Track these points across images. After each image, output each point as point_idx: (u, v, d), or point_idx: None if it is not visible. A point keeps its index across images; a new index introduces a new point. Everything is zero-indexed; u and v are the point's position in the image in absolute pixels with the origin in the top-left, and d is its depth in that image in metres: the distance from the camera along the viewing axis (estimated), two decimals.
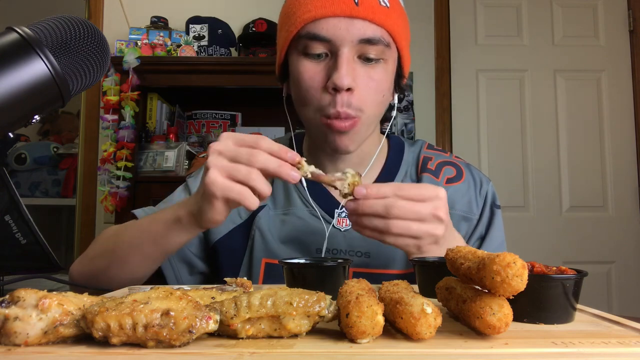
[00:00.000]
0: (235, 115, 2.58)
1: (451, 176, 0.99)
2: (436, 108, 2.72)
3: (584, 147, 2.73)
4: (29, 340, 0.40)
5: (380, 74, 0.86)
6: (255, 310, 0.42)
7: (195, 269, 0.99)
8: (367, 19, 0.81)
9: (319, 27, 0.82)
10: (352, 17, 0.81)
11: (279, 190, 0.99)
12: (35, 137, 3.44)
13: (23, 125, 0.50)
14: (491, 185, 1.00)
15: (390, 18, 0.84)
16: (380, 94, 0.87)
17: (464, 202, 0.97)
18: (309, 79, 0.85)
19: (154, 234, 0.80)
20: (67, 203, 2.95)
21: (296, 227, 0.95)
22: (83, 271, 0.91)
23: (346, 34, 0.81)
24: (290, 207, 0.97)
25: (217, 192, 0.67)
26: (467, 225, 0.96)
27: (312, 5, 0.82)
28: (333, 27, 0.81)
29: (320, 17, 0.82)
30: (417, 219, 0.70)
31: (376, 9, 0.82)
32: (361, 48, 0.83)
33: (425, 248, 0.72)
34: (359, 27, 0.81)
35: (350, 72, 0.82)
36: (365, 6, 0.81)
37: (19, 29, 0.47)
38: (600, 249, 2.67)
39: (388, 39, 0.84)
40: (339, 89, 0.82)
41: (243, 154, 0.67)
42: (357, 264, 0.92)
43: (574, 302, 0.50)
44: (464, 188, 0.98)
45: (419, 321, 0.41)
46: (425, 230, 0.70)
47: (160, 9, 2.63)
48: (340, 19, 0.81)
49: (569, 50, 2.78)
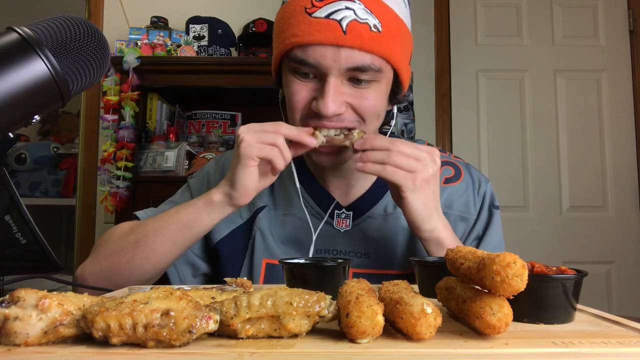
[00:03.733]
0: (235, 115, 2.58)
1: (449, 176, 0.99)
2: (436, 108, 2.72)
3: (584, 147, 2.73)
4: (29, 340, 0.40)
5: (372, 94, 0.84)
6: (255, 310, 0.42)
7: (199, 271, 1.00)
8: (355, 47, 0.78)
9: (306, 54, 0.80)
10: (339, 46, 0.78)
11: (279, 191, 0.99)
12: (35, 137, 3.44)
13: (23, 125, 0.50)
14: (490, 186, 1.00)
15: (382, 43, 0.80)
16: (372, 113, 0.85)
17: (461, 202, 0.97)
18: (296, 100, 0.85)
19: (183, 219, 0.85)
20: (67, 203, 2.95)
21: (296, 227, 0.96)
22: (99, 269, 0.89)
23: (333, 63, 0.79)
24: (291, 208, 0.97)
25: (252, 152, 0.78)
26: (464, 225, 0.96)
27: (299, 30, 0.80)
28: (320, 56, 0.79)
29: (307, 44, 0.80)
30: (415, 157, 0.80)
31: (365, 36, 0.78)
32: (350, 74, 0.81)
33: (418, 182, 0.79)
34: (347, 55, 0.79)
35: (337, 98, 0.81)
36: (353, 34, 0.78)
37: (19, 29, 0.47)
38: (600, 249, 2.67)
39: (379, 64, 0.81)
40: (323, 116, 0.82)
41: (269, 127, 0.80)
42: (357, 265, 0.92)
43: (574, 302, 0.50)
44: (462, 188, 0.98)
45: (419, 321, 0.41)
46: (420, 166, 0.79)
47: (160, 9, 2.63)
48: (327, 48, 0.79)
49: (569, 50, 2.78)
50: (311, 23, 0.79)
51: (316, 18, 0.79)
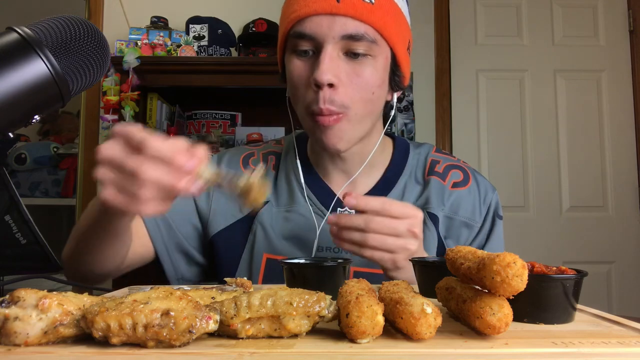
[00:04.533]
0: (235, 115, 2.58)
1: (458, 180, 0.99)
2: (436, 108, 2.72)
3: (584, 147, 2.73)
4: (29, 340, 0.40)
5: (368, 70, 0.85)
6: (255, 310, 0.42)
7: (193, 260, 1.00)
8: (348, 15, 0.82)
9: (304, 26, 0.84)
10: (333, 14, 0.82)
11: (282, 188, 1.00)
12: (35, 137, 3.44)
13: (23, 125, 0.50)
14: (496, 194, 1.01)
15: (375, 14, 0.83)
16: (368, 90, 0.86)
17: (467, 209, 0.97)
18: (296, 77, 0.87)
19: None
20: (67, 203, 2.95)
21: (299, 224, 0.96)
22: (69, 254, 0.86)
23: (328, 31, 0.83)
24: (294, 204, 0.97)
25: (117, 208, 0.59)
26: (467, 232, 0.96)
27: (298, 5, 0.85)
28: (316, 25, 0.83)
29: (305, 16, 0.84)
30: (394, 234, 0.73)
31: (358, 5, 0.82)
32: (346, 44, 0.84)
33: (400, 263, 0.75)
34: (341, 23, 0.82)
35: (333, 68, 0.83)
36: (346, 3, 0.82)
37: (19, 29, 0.47)
38: (600, 249, 2.67)
39: (374, 35, 0.84)
40: (320, 85, 0.83)
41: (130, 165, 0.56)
42: (357, 264, 0.92)
43: (574, 302, 0.50)
44: (469, 194, 0.98)
45: (419, 321, 0.41)
46: (400, 245, 0.74)
47: (160, 9, 2.63)
48: (323, 17, 0.83)
49: (569, 50, 2.78)
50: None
51: None
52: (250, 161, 1.03)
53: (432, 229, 0.94)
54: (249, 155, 1.05)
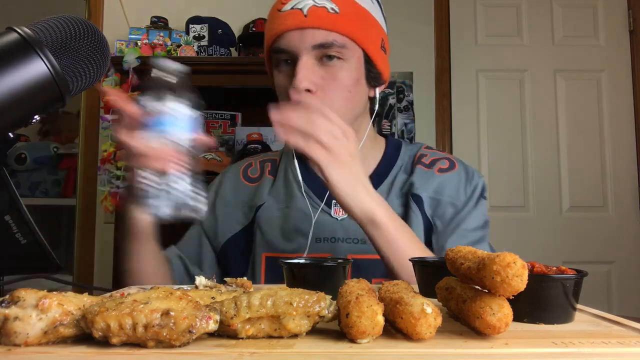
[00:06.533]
0: (235, 115, 2.58)
1: (444, 167, 1.03)
2: (436, 108, 2.72)
3: (584, 147, 2.73)
4: (29, 340, 0.40)
5: (342, 72, 0.92)
6: (255, 310, 0.42)
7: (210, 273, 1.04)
8: (315, 26, 0.90)
9: (280, 42, 0.93)
10: (303, 28, 0.91)
11: (280, 188, 1.05)
12: (35, 137, 3.43)
13: (23, 125, 0.50)
14: (482, 180, 1.04)
15: (340, 22, 0.91)
16: (344, 89, 0.93)
17: (452, 189, 1.00)
18: (280, 87, 0.96)
19: None
20: (67, 203, 2.95)
21: (297, 218, 1.00)
22: None
23: (299, 44, 0.91)
24: (291, 199, 1.02)
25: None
26: (453, 211, 0.99)
27: (273, 25, 0.94)
28: (289, 40, 0.92)
29: (280, 32, 0.92)
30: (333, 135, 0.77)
31: (324, 16, 0.90)
32: (318, 52, 0.91)
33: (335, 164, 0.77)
34: (310, 35, 0.90)
35: (308, 75, 0.90)
36: (312, 16, 0.90)
37: (19, 29, 0.47)
38: (600, 249, 2.67)
39: (342, 40, 0.92)
40: (299, 91, 0.88)
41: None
42: (354, 251, 0.96)
43: (574, 302, 0.50)
44: (455, 177, 1.01)
45: (419, 321, 0.41)
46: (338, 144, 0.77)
47: (160, 9, 2.63)
48: (294, 32, 0.91)
49: (569, 50, 2.78)
50: (280, 17, 0.93)
51: (284, 12, 0.93)
52: (249, 171, 1.10)
53: (417, 211, 0.98)
54: (248, 166, 1.11)
